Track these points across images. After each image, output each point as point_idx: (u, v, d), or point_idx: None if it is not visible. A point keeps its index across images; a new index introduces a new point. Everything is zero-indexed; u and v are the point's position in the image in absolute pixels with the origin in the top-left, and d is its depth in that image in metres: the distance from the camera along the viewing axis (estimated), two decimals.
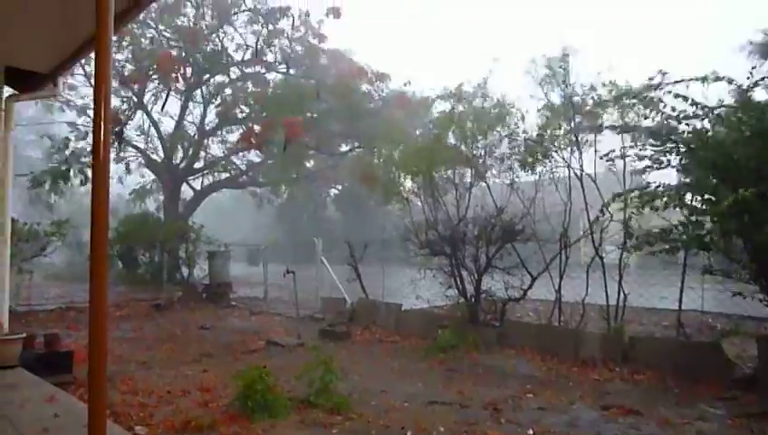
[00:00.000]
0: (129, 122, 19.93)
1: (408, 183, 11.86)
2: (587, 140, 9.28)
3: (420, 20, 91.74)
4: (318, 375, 5.91)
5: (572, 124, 9.32)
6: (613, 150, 8.27)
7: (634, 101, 8.13)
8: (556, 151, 9.50)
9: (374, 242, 12.84)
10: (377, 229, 22.39)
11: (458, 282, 10.52)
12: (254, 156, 24.53)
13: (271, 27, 20.69)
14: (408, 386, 6.85)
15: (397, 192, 11.90)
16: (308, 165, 23.86)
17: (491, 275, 10.22)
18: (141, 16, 17.63)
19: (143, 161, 22.33)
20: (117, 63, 18.64)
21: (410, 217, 11.45)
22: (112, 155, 19.15)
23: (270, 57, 21.59)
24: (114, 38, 3.63)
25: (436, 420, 5.45)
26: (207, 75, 21.21)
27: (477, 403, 6.09)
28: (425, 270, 10.89)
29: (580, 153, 9.31)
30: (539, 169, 9.85)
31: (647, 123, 8.16)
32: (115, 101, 18.88)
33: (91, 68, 16.60)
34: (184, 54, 19.84)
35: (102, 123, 2.90)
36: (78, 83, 18.83)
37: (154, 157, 22.42)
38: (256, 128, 19.89)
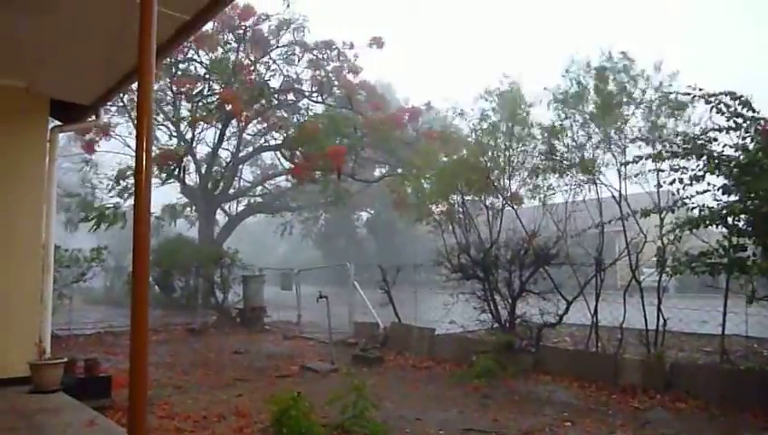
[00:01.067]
0: (186, 159, 20.44)
1: (440, 207, 11.88)
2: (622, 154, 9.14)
3: (454, 44, 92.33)
4: (351, 401, 5.88)
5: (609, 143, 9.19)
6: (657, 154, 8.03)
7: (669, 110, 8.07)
8: (591, 170, 9.38)
9: (406, 266, 12.79)
10: (409, 253, 22.37)
11: (492, 306, 10.43)
12: (286, 182, 24.92)
13: (311, 57, 21.08)
14: (442, 413, 6.76)
15: (429, 214, 11.92)
16: (346, 189, 24.09)
17: (525, 299, 10.11)
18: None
19: (179, 187, 22.83)
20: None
21: (442, 241, 11.41)
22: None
23: (305, 86, 22.02)
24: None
25: None
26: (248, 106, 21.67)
27: (514, 431, 5.97)
28: (457, 294, 10.81)
29: (620, 175, 9.14)
30: (573, 188, 9.76)
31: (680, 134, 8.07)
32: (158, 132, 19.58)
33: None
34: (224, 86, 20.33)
35: (144, 154, 3.00)
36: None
37: (189, 182, 22.91)
38: (306, 158, 20.27)
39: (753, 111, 7.01)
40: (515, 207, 10.85)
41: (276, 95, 21.62)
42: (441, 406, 7.13)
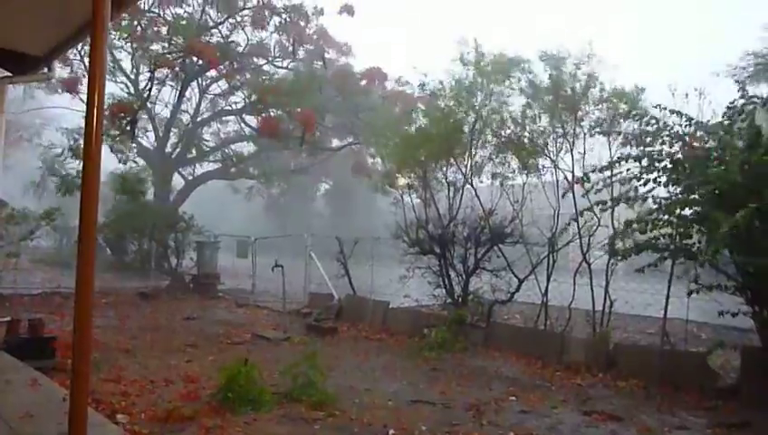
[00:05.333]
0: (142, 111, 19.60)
1: (401, 181, 11.88)
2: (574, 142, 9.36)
3: (423, 13, 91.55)
4: (302, 370, 5.91)
5: (564, 126, 9.37)
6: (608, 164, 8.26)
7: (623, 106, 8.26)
8: (545, 151, 9.58)
9: (364, 239, 12.82)
10: (368, 226, 22.38)
11: (446, 282, 10.57)
12: (245, 148, 24.51)
13: (278, 22, 20.57)
14: (392, 384, 6.87)
15: (390, 185, 11.92)
16: (301, 158, 23.80)
17: (479, 276, 10.28)
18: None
19: (135, 148, 22.18)
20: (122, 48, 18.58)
21: (402, 215, 11.45)
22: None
23: (272, 50, 21.53)
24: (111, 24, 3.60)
25: (419, 420, 5.47)
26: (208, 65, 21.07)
27: (460, 404, 6.11)
28: (414, 269, 10.91)
29: (573, 156, 9.37)
30: (529, 169, 9.92)
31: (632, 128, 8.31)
32: (112, 88, 18.73)
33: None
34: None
35: (95, 108, 2.89)
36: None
37: (146, 144, 22.30)
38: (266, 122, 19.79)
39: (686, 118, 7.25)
40: (474, 185, 10.94)
41: (240, 59, 21.12)
42: (391, 377, 7.24)
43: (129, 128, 17.04)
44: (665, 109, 7.40)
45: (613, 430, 5.45)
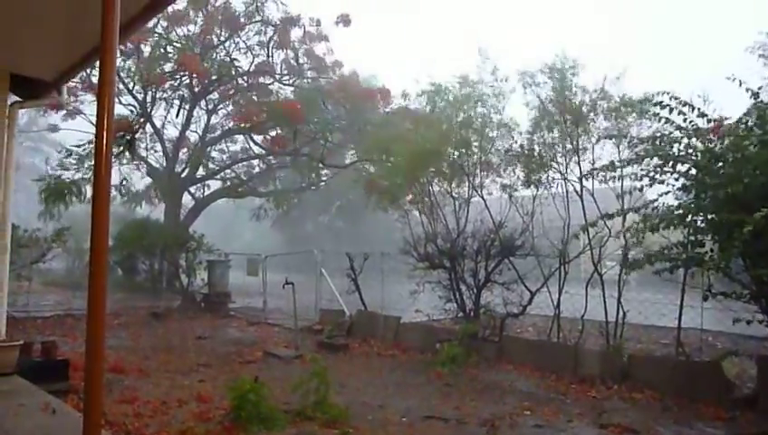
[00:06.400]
0: (141, 129, 19.72)
1: (410, 195, 11.89)
2: (585, 151, 9.34)
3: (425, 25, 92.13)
4: (314, 387, 5.88)
5: (573, 140, 9.35)
6: (610, 164, 8.24)
7: (631, 111, 8.22)
8: (553, 163, 9.55)
9: (374, 254, 12.80)
10: (378, 242, 22.35)
11: (457, 296, 10.52)
12: (254, 167, 24.61)
13: (279, 39, 20.75)
14: (405, 400, 6.82)
15: (397, 201, 11.92)
16: (315, 175, 23.83)
17: (490, 289, 10.22)
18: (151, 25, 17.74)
19: (144, 169, 22.35)
20: (129, 70, 18.73)
21: (410, 230, 11.44)
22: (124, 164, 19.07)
23: (276, 68, 21.67)
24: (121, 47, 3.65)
25: None
26: (216, 84, 21.26)
27: (474, 420, 6.05)
28: (424, 283, 10.88)
29: (580, 167, 9.35)
30: (538, 181, 9.90)
31: (645, 134, 8.25)
32: (121, 110, 18.89)
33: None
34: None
35: (105, 132, 2.92)
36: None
37: (155, 165, 22.45)
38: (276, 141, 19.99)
39: (703, 115, 7.17)
40: (482, 197, 10.93)
41: (247, 78, 21.28)
42: (404, 393, 7.19)
43: (127, 145, 16.97)
44: (682, 104, 7.27)
45: None
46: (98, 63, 3.16)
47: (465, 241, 10.53)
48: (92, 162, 3.37)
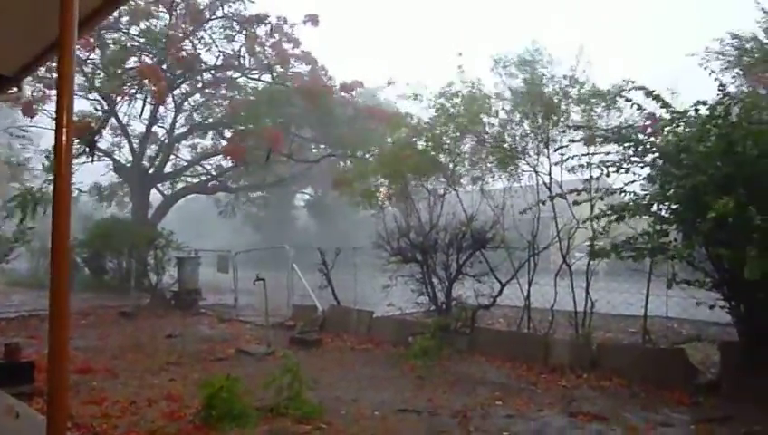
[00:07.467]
0: (103, 130, 19.30)
1: (383, 190, 11.90)
2: (554, 143, 9.45)
3: (397, 23, 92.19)
4: (287, 384, 5.86)
5: (542, 131, 9.45)
6: (576, 156, 8.41)
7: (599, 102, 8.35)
8: (523, 155, 9.65)
9: (346, 249, 12.77)
10: (349, 236, 22.34)
11: (429, 289, 10.57)
12: (225, 161, 24.35)
13: (245, 33, 20.51)
14: (378, 394, 6.84)
15: (370, 196, 11.90)
16: (281, 171, 23.66)
17: (461, 282, 10.30)
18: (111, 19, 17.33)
19: (111, 166, 21.94)
20: (89, 68, 18.30)
21: (383, 224, 11.45)
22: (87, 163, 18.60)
23: (243, 62, 21.43)
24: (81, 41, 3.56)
25: (406, 429, 5.46)
26: (180, 80, 20.95)
27: (447, 411, 6.10)
28: (397, 277, 10.89)
29: (549, 158, 9.46)
30: (509, 174, 10.00)
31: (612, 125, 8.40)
32: (84, 105, 18.46)
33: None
34: (155, 60, 19.53)
35: (65, 128, 2.84)
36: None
37: (122, 161, 22.05)
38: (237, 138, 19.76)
39: (666, 105, 7.33)
40: (456, 191, 10.98)
41: (213, 72, 21.02)
42: (377, 387, 7.21)
43: (87, 144, 16.55)
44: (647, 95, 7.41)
45: (599, 431, 5.49)
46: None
47: (438, 234, 10.58)
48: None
